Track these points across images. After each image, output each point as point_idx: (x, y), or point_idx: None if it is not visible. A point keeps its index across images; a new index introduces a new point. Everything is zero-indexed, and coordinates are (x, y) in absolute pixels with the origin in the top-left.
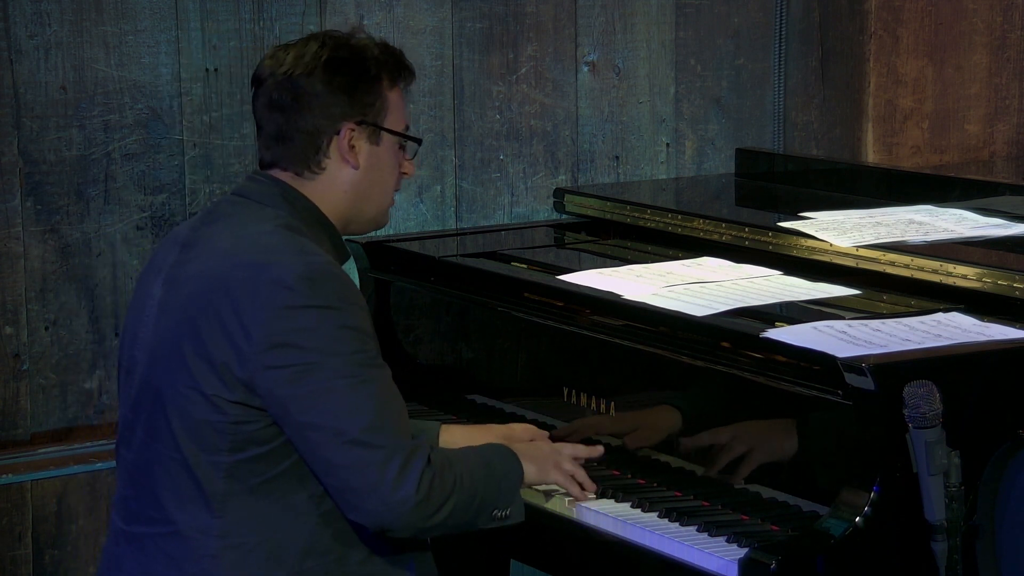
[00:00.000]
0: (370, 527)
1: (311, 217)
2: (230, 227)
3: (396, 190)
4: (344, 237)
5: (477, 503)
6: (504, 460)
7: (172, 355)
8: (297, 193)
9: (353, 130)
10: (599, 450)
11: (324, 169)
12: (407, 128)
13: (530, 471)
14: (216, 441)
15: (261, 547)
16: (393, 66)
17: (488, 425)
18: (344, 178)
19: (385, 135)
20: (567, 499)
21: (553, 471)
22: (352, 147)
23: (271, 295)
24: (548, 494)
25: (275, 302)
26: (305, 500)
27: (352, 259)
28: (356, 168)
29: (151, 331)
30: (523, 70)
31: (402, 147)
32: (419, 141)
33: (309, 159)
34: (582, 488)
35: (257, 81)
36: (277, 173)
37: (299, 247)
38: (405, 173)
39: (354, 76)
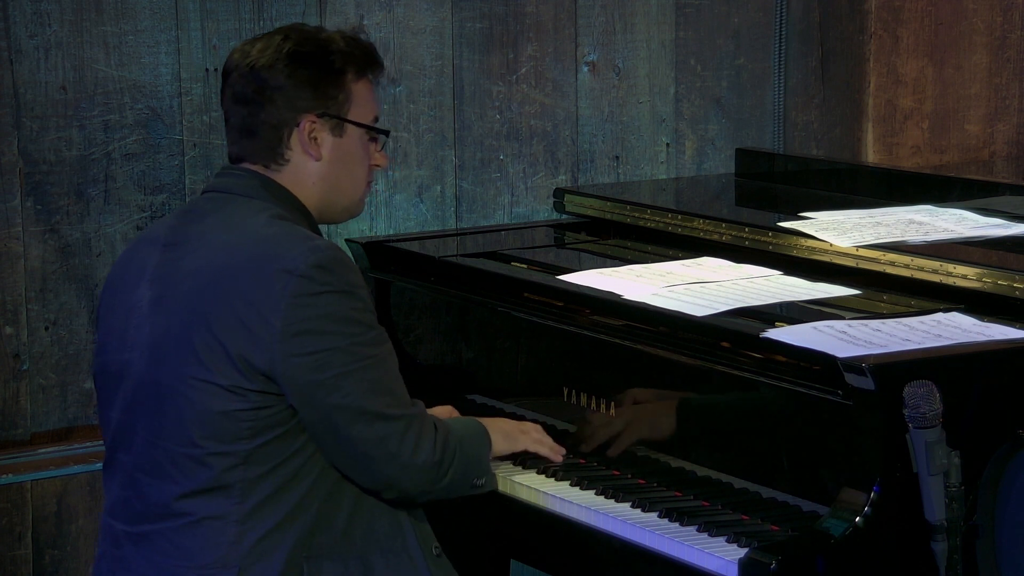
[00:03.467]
0: (381, 490)
1: (292, 206)
2: (222, 221)
3: (369, 180)
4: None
5: (465, 470)
6: (475, 432)
7: (179, 351)
8: (274, 183)
9: (314, 122)
10: (559, 454)
11: (288, 161)
12: (376, 120)
13: (498, 440)
14: (234, 429)
15: (278, 528)
16: (359, 59)
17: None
18: (310, 170)
19: (350, 127)
20: (545, 489)
21: (521, 437)
22: (314, 139)
23: (286, 285)
24: (546, 493)
25: (291, 291)
26: (315, 477)
27: (352, 258)
28: (318, 160)
29: (147, 331)
30: (523, 70)
31: (374, 139)
32: (386, 133)
33: (273, 151)
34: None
35: (224, 73)
36: (249, 167)
37: (301, 235)
38: (377, 164)
39: (317, 69)
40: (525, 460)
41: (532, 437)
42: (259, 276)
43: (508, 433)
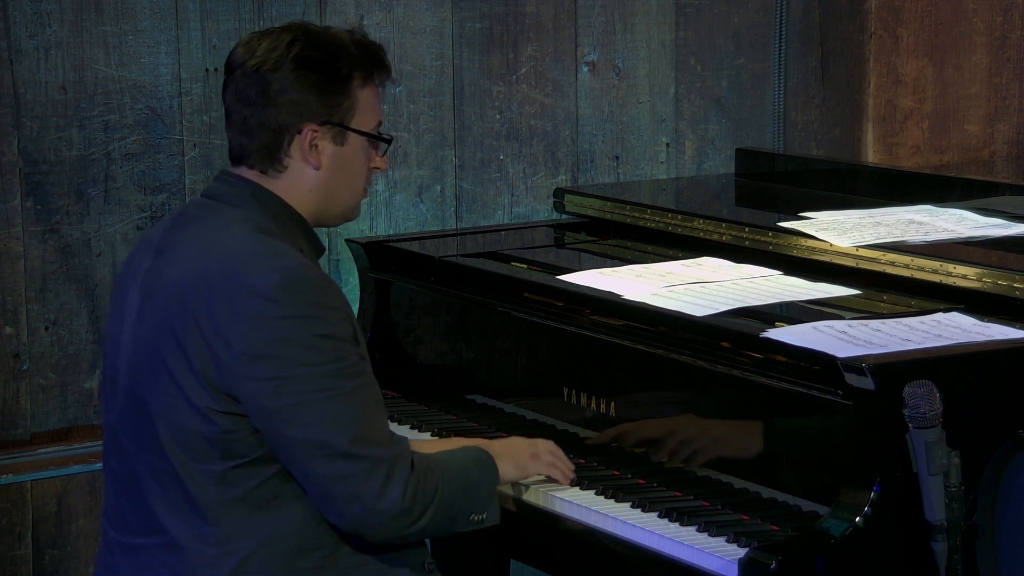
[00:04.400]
0: (350, 531)
1: (283, 215)
2: (203, 231)
3: (367, 184)
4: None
5: (455, 510)
6: (479, 465)
7: (154, 365)
8: (266, 192)
9: (316, 131)
10: (569, 479)
11: (287, 168)
12: (379, 125)
13: (507, 469)
14: (207, 450)
15: (258, 551)
16: (367, 64)
17: (459, 439)
18: (307, 177)
19: (352, 135)
20: (545, 489)
21: (531, 463)
22: (315, 147)
23: (249, 305)
24: (546, 494)
25: (253, 312)
26: (296, 500)
27: (352, 259)
28: (317, 168)
29: (130, 340)
30: (523, 70)
31: (375, 144)
32: (388, 141)
33: (272, 156)
34: (564, 475)
35: (228, 68)
36: (244, 172)
37: (274, 252)
38: (377, 168)
39: (323, 75)
40: None
41: (544, 461)
42: (223, 294)
43: (519, 461)
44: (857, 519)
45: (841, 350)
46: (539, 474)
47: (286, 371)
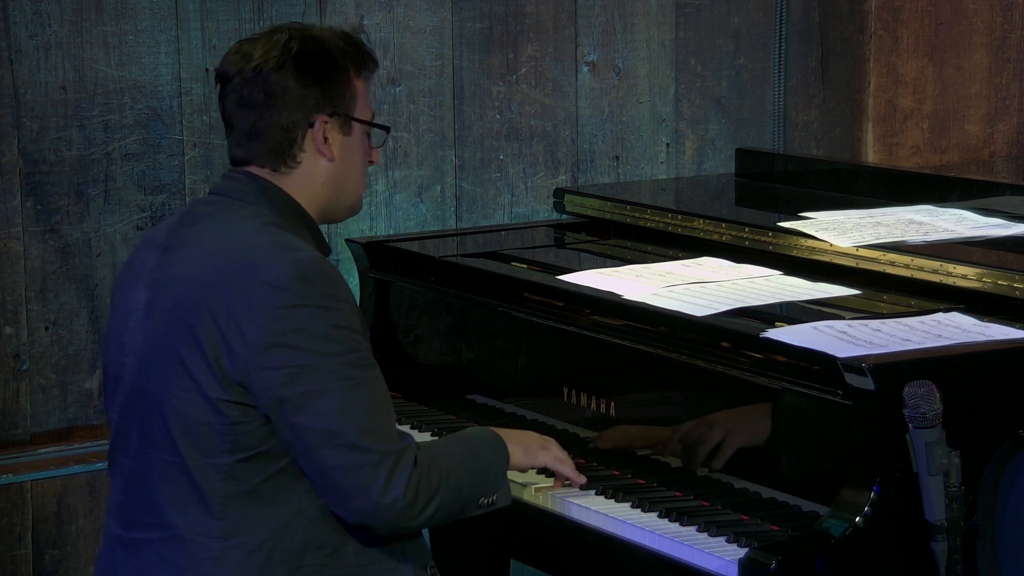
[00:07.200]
0: (354, 524)
1: (291, 212)
2: (214, 227)
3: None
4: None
5: (464, 495)
6: (489, 446)
7: (166, 358)
8: (276, 188)
9: (326, 122)
10: (582, 479)
11: (300, 163)
12: (373, 116)
13: (517, 453)
14: (215, 443)
15: (262, 547)
16: (357, 56)
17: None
18: (320, 170)
19: (354, 125)
20: (552, 492)
21: (541, 453)
22: (326, 139)
23: (264, 296)
24: (547, 494)
25: (269, 303)
26: (302, 496)
27: (352, 259)
28: (331, 160)
29: (139, 336)
30: (523, 70)
31: (368, 135)
32: (388, 129)
33: (284, 154)
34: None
35: (224, 78)
36: (253, 170)
37: (288, 245)
38: (371, 161)
39: (325, 68)
40: None
41: (553, 454)
42: (239, 286)
43: (529, 448)
44: (857, 519)
45: (841, 350)
46: (546, 465)
47: (301, 360)
